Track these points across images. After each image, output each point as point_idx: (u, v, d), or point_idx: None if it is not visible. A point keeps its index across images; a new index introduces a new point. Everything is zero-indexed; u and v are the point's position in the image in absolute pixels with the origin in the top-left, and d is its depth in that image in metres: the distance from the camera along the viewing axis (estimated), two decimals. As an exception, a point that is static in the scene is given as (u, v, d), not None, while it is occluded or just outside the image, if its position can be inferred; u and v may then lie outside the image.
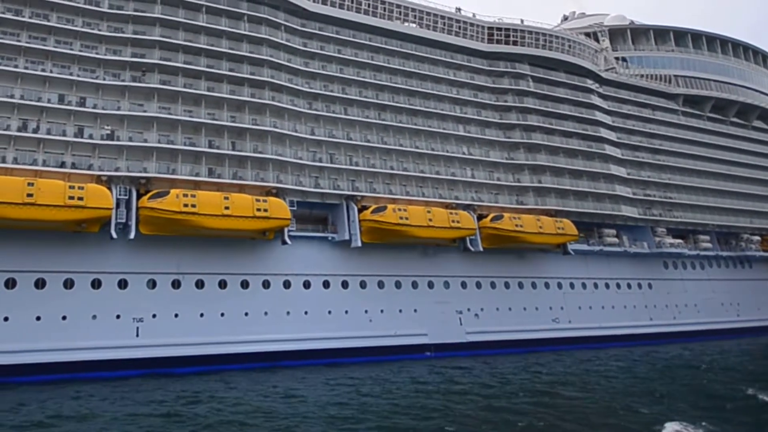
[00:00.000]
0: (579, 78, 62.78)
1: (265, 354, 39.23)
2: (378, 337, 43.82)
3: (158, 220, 36.75)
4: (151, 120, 39.97)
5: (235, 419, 24.01)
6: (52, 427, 23.39)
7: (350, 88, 49.60)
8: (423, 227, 44.51)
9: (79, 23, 40.59)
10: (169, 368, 36.45)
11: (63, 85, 38.87)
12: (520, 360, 43.96)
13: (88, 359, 34.87)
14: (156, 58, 41.36)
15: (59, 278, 35.87)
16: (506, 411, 26.10)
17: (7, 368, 33.02)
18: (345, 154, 47.15)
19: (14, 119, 36.65)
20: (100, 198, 34.77)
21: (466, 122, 54.43)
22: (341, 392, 30.59)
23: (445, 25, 56.47)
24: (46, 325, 34.78)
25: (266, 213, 39.14)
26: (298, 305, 42.11)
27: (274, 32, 46.73)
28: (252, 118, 43.38)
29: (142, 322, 37.22)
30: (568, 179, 56.69)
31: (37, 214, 32.94)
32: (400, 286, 46.60)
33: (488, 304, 49.84)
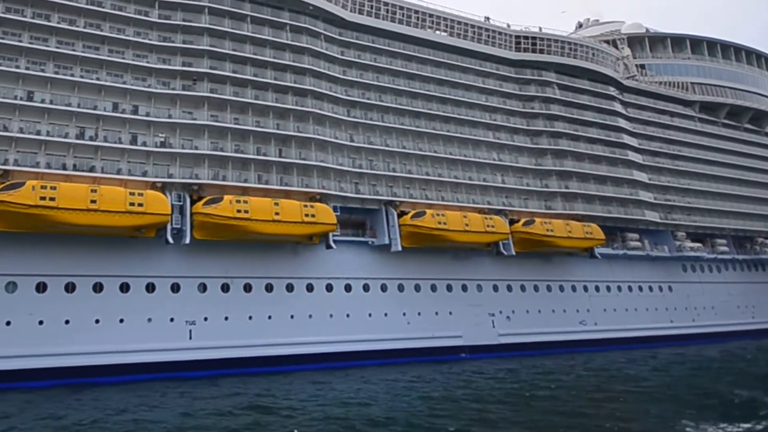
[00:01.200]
0: (602, 85, 64.22)
1: (312, 356, 40.37)
2: (416, 339, 45.06)
3: (212, 226, 37.84)
4: (202, 128, 41.07)
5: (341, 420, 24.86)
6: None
7: (386, 95, 50.81)
8: (460, 232, 45.79)
9: (130, 33, 41.63)
10: (220, 370, 37.56)
11: (117, 93, 39.90)
12: (562, 360, 45.21)
13: (145, 361, 35.97)
14: (205, 67, 42.46)
15: (115, 282, 36.94)
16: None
17: (68, 370, 34.07)
18: (383, 160, 48.37)
19: (72, 127, 37.70)
20: (159, 204, 35.86)
21: (496, 129, 55.74)
22: (420, 392, 31.37)
23: (475, 34, 57.74)
24: (105, 328, 35.82)
25: (314, 218, 40.32)
26: (340, 308, 43.30)
27: (315, 41, 47.86)
28: (296, 125, 44.51)
29: (195, 325, 38.31)
30: (594, 184, 58.10)
31: (100, 220, 34.02)
32: (436, 289, 47.85)
33: (519, 306, 51.18)
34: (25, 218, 32.86)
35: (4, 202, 32.35)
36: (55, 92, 38.02)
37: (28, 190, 32.73)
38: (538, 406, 28.20)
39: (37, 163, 35.77)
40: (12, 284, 34.36)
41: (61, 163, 36.52)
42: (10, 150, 35.49)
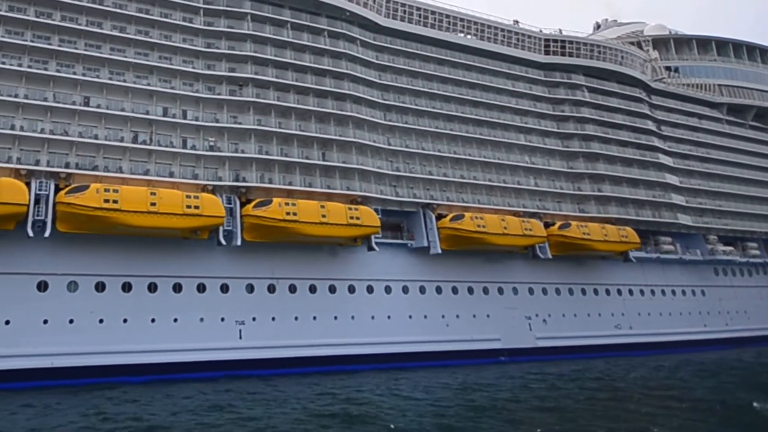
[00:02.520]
0: (630, 88, 64.58)
1: (356, 357, 40.99)
2: (455, 342, 45.54)
3: (262, 228, 38.77)
4: (248, 131, 42.06)
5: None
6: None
7: (420, 99, 51.61)
8: (499, 235, 46.34)
9: (177, 39, 42.78)
10: (269, 370, 38.29)
11: (166, 98, 41.03)
12: (605, 364, 45.49)
13: (199, 360, 36.83)
14: (249, 72, 43.47)
15: (169, 282, 37.92)
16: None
17: (128, 368, 34.98)
18: (419, 163, 49.10)
19: (127, 131, 38.85)
20: (214, 206, 36.87)
21: (527, 132, 56.32)
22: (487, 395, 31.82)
23: (505, 37, 58.43)
24: (160, 327, 36.78)
25: (358, 221, 41.11)
26: (381, 310, 43.94)
27: (351, 46, 48.78)
28: (336, 129, 45.38)
29: (244, 325, 39.17)
30: (627, 188, 58.40)
31: (159, 222, 35.08)
32: (473, 291, 48.35)
33: (554, 309, 51.51)
34: (90, 220, 33.98)
35: (71, 205, 33.50)
36: (110, 98, 39.20)
37: (92, 193, 33.87)
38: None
39: (95, 166, 36.91)
40: (73, 283, 35.45)
41: (117, 166, 37.65)
42: (70, 154, 36.68)
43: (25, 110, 36.77)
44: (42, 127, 36.84)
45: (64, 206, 33.92)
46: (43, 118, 37.18)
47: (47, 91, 37.79)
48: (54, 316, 34.60)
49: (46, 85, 37.95)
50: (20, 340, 33.34)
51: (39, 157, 36.01)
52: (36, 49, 38.37)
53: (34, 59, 38.30)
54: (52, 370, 33.58)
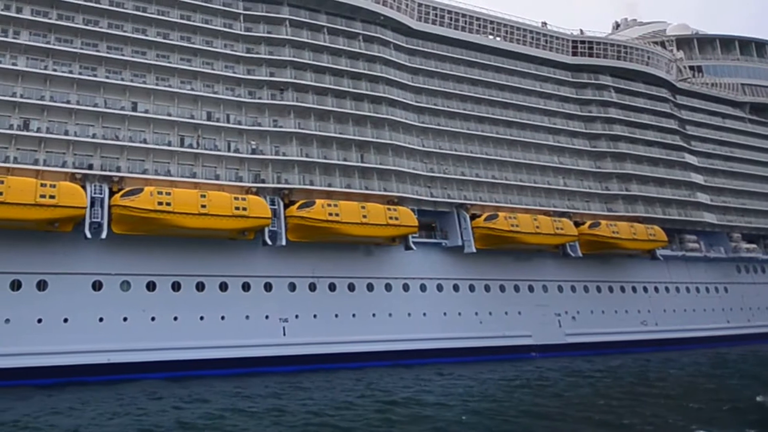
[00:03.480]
0: (656, 88, 65.22)
1: (395, 353, 42.08)
2: (488, 338, 46.62)
3: (305, 228, 39.95)
4: (289, 135, 43.20)
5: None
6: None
7: (452, 101, 52.54)
8: (532, 234, 47.32)
9: (219, 45, 43.94)
10: (311, 365, 39.52)
11: (210, 102, 42.22)
12: (635, 359, 46.47)
13: (245, 356, 38.10)
14: (289, 76, 44.58)
15: (216, 281, 39.21)
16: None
17: (176, 364, 36.29)
18: (452, 164, 50.07)
19: (173, 135, 40.10)
20: (260, 208, 38.08)
21: (556, 132, 57.12)
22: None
23: (533, 39, 59.18)
24: (208, 325, 38.08)
25: (397, 221, 42.23)
26: (417, 307, 45.08)
27: (385, 50, 49.74)
28: (373, 131, 46.41)
29: (287, 322, 40.41)
30: (653, 187, 59.13)
31: (209, 223, 36.35)
32: (504, 289, 49.37)
33: (583, 306, 52.46)
34: (144, 222, 35.30)
35: (127, 207, 34.81)
36: (157, 103, 40.44)
37: (147, 196, 35.15)
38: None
39: (145, 170, 38.20)
40: (126, 283, 36.81)
41: (166, 169, 38.92)
42: (121, 158, 37.99)
43: (78, 116, 38.12)
44: (94, 132, 38.14)
45: (120, 209, 35.24)
46: (94, 123, 38.47)
47: (97, 97, 39.13)
48: (108, 314, 35.98)
49: (96, 91, 39.28)
50: (77, 338, 34.77)
51: (92, 162, 37.34)
52: (85, 56, 39.63)
53: (83, 66, 39.57)
54: (108, 365, 35.00)
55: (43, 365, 33.42)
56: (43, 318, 34.49)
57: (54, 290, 35.10)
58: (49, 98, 37.62)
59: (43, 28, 39.37)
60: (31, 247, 35.06)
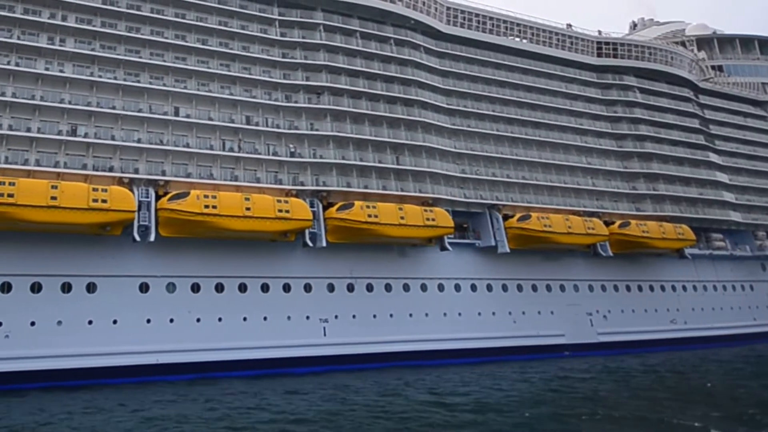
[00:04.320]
0: (679, 88, 65.60)
1: (432, 352, 42.64)
2: (522, 337, 47.06)
3: (345, 230, 40.55)
4: (326, 138, 43.85)
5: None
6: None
7: (481, 103, 53.12)
8: (564, 234, 47.75)
9: (256, 50, 44.66)
10: (350, 365, 40.08)
11: (248, 107, 42.95)
12: (670, 358, 46.81)
13: (287, 356, 38.68)
14: (324, 80, 45.24)
15: (257, 282, 39.85)
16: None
17: (223, 364, 36.92)
18: (483, 165, 50.61)
19: (215, 140, 40.87)
20: (303, 210, 38.75)
21: (582, 133, 57.59)
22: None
23: (558, 41, 59.70)
24: (251, 326, 38.70)
25: (434, 222, 42.78)
26: (452, 307, 45.58)
27: (415, 53, 50.37)
28: (407, 133, 47.00)
29: (327, 323, 41.00)
30: (680, 186, 59.46)
31: (254, 226, 37.02)
32: (537, 289, 49.81)
33: (614, 306, 52.84)
34: (191, 225, 36.00)
35: (174, 211, 35.52)
36: (199, 108, 41.21)
37: (193, 199, 35.86)
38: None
39: (189, 174, 38.92)
40: (172, 285, 37.49)
41: (209, 173, 39.63)
42: (165, 162, 38.75)
43: (123, 121, 38.88)
44: (138, 137, 38.92)
45: (168, 212, 35.96)
46: (139, 128, 39.25)
47: (141, 103, 39.91)
48: (156, 315, 36.67)
49: (140, 97, 40.07)
50: (126, 339, 35.47)
51: (137, 166, 38.11)
52: (129, 63, 40.44)
53: (127, 72, 40.39)
54: (156, 366, 35.66)
55: (95, 366, 34.18)
56: (93, 320, 35.23)
57: (103, 292, 35.85)
58: (95, 104, 38.46)
59: (88, 36, 40.24)
60: (80, 251, 35.82)
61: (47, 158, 36.32)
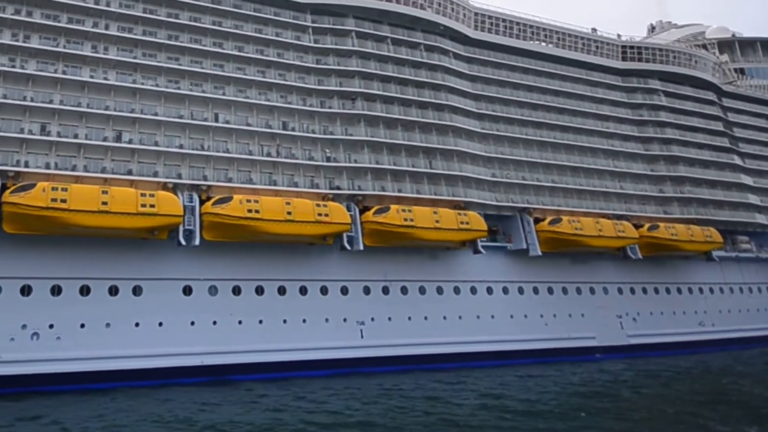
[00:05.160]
0: (703, 91, 65.92)
1: (468, 354, 43.03)
2: (554, 340, 47.40)
3: (381, 233, 41.16)
4: (361, 143, 44.53)
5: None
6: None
7: (509, 107, 53.65)
8: (595, 237, 48.12)
9: (291, 57, 45.43)
10: (387, 367, 40.54)
11: (284, 113, 43.70)
12: (704, 360, 47.19)
13: (326, 358, 39.23)
14: (358, 86, 45.94)
15: (296, 285, 40.48)
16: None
17: (263, 366, 37.47)
18: (513, 169, 51.09)
19: (254, 145, 41.67)
20: (341, 214, 39.41)
21: (609, 136, 57.96)
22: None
23: (584, 45, 60.21)
24: (291, 328, 39.33)
25: (468, 225, 43.34)
26: (485, 310, 46.02)
27: (445, 58, 51.01)
28: (439, 138, 47.61)
29: (364, 325, 41.57)
30: (706, 189, 59.70)
31: (295, 229, 37.79)
32: (567, 292, 50.16)
33: (643, 308, 53.13)
34: (235, 228, 36.70)
35: (219, 215, 36.27)
36: (238, 114, 42.04)
37: (236, 204, 36.61)
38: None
39: (230, 178, 39.71)
40: (214, 288, 38.20)
41: (248, 177, 40.42)
42: (207, 167, 39.53)
43: (166, 127, 39.73)
44: (180, 143, 39.75)
45: (212, 216, 36.69)
46: (180, 134, 40.07)
47: (182, 109, 40.73)
48: (199, 317, 37.36)
49: (180, 104, 40.89)
50: (171, 340, 36.18)
51: (180, 171, 38.92)
52: (170, 70, 41.30)
53: (168, 79, 41.25)
54: (201, 367, 36.31)
55: (141, 368, 34.87)
56: (140, 322, 35.98)
57: (148, 295, 36.57)
58: (139, 111, 39.32)
59: (130, 44, 41.13)
60: (126, 254, 36.61)
61: (94, 164, 37.15)
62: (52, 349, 33.57)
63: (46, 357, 33.23)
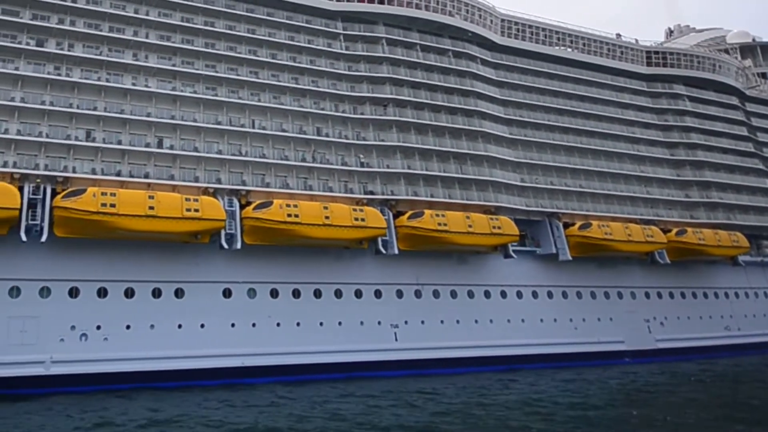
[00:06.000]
0: (726, 96, 66.04)
1: (499, 358, 43.47)
2: (584, 344, 47.74)
3: (415, 237, 41.77)
4: (393, 148, 45.20)
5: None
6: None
7: (536, 113, 54.13)
8: (624, 242, 48.48)
9: (323, 64, 46.24)
10: (421, 369, 41.02)
11: (319, 119, 44.46)
12: (732, 364, 47.38)
13: (361, 360, 39.82)
14: (389, 92, 46.62)
15: (331, 288, 41.18)
16: None
17: (301, 367, 38.12)
18: (541, 174, 51.60)
19: (290, 150, 42.49)
20: (377, 219, 40.13)
21: (635, 141, 58.32)
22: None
23: (609, 51, 60.63)
24: (327, 330, 39.99)
25: (500, 230, 43.86)
26: (515, 314, 46.49)
27: (472, 64, 51.63)
28: (468, 143, 48.20)
29: (398, 328, 42.16)
30: (731, 194, 59.87)
31: (333, 234, 38.46)
32: (595, 296, 50.53)
33: (670, 312, 53.40)
34: (273, 233, 37.48)
35: (260, 219, 37.06)
36: (274, 120, 42.88)
37: (276, 208, 37.46)
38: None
39: (267, 183, 40.57)
40: (252, 290, 38.97)
41: (285, 182, 41.31)
42: (245, 172, 40.53)
43: (206, 134, 40.62)
44: (219, 149, 40.59)
45: (253, 221, 37.47)
46: (219, 140, 40.93)
47: (220, 116, 41.63)
48: (239, 320, 38.12)
49: (218, 110, 41.79)
50: (213, 342, 36.92)
51: (220, 176, 39.76)
52: (208, 78, 42.11)
53: (206, 86, 42.13)
54: (241, 369, 37.04)
55: (185, 368, 35.64)
56: (182, 324, 36.78)
57: (190, 297, 37.37)
58: (179, 117, 40.23)
59: (169, 52, 42.06)
60: (168, 258, 37.43)
61: (137, 169, 38.10)
62: (100, 349, 34.44)
63: (94, 357, 34.15)
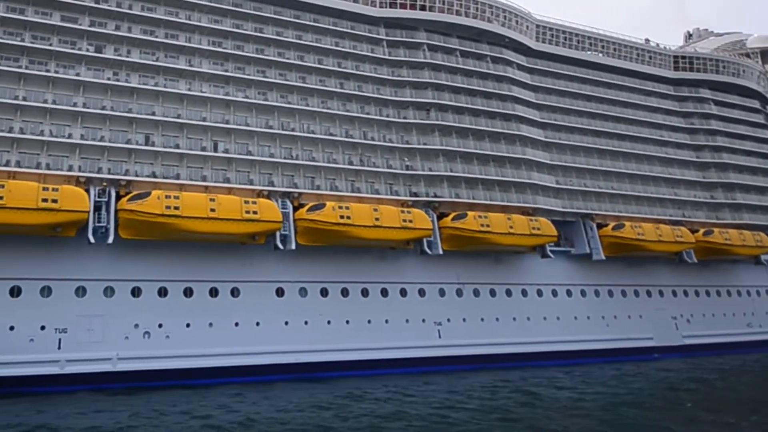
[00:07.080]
0: (749, 99, 67.36)
1: (536, 354, 45.17)
2: (615, 340, 49.39)
3: (459, 238, 43.35)
4: (436, 151, 46.64)
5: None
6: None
7: (570, 116, 55.48)
8: (655, 242, 50.03)
9: (368, 69, 47.54)
10: (462, 365, 42.70)
11: (364, 123, 45.83)
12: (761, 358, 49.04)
13: (407, 357, 41.42)
14: (431, 97, 47.99)
15: (377, 287, 42.72)
16: None
17: (349, 364, 39.66)
18: (575, 176, 53.03)
19: (339, 154, 43.91)
20: (424, 221, 41.64)
21: (663, 144, 59.73)
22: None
23: (638, 56, 62.03)
24: (375, 327, 41.57)
25: (539, 231, 45.39)
26: (551, 312, 48.13)
27: (509, 69, 52.97)
28: (507, 147, 49.61)
29: (441, 326, 43.76)
30: (755, 195, 61.33)
31: (382, 235, 40.06)
32: (626, 294, 52.15)
33: (696, 310, 55.18)
34: (325, 234, 39.09)
35: (314, 221, 38.57)
36: (323, 124, 44.29)
37: (329, 210, 39.01)
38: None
39: (318, 186, 42.00)
40: (303, 290, 40.51)
41: (333, 185, 42.68)
42: (296, 175, 41.97)
43: (259, 137, 42.03)
44: (272, 152, 42.00)
45: (306, 222, 38.96)
46: (271, 144, 42.35)
47: (271, 120, 43.01)
48: (292, 318, 39.67)
49: (270, 114, 43.16)
50: (268, 339, 38.47)
51: (273, 179, 41.21)
52: (259, 83, 43.48)
53: (258, 91, 43.49)
54: (294, 365, 38.62)
55: (242, 365, 37.20)
56: (239, 322, 38.32)
57: (245, 296, 38.91)
58: (233, 122, 41.62)
59: (221, 57, 43.35)
60: (224, 258, 38.93)
61: (195, 172, 39.50)
62: (162, 347, 35.95)
63: (157, 354, 35.68)
